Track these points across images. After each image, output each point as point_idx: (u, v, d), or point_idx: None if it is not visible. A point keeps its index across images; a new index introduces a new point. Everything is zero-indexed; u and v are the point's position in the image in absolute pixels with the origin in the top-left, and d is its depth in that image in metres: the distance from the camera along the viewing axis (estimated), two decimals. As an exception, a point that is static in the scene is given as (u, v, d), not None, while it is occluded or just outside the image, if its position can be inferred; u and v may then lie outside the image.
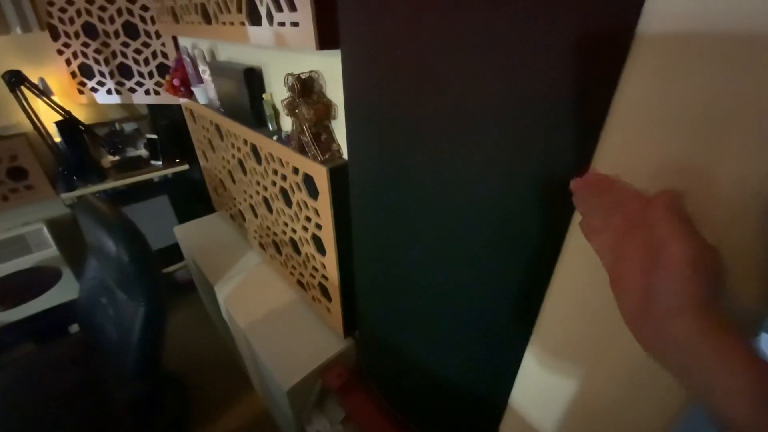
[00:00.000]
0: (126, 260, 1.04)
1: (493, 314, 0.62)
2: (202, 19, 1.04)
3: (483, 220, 0.54)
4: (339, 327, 1.10)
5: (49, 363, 0.68)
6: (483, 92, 0.46)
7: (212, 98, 1.32)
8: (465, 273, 0.61)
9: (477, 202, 0.53)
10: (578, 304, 0.50)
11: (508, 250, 0.54)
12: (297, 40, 0.70)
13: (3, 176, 1.55)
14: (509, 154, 0.47)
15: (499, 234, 0.54)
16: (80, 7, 1.47)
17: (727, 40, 0.28)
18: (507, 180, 0.49)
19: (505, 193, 0.50)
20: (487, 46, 0.43)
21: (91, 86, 1.63)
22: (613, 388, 0.51)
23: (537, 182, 0.47)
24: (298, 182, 0.94)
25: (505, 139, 0.46)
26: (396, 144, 0.63)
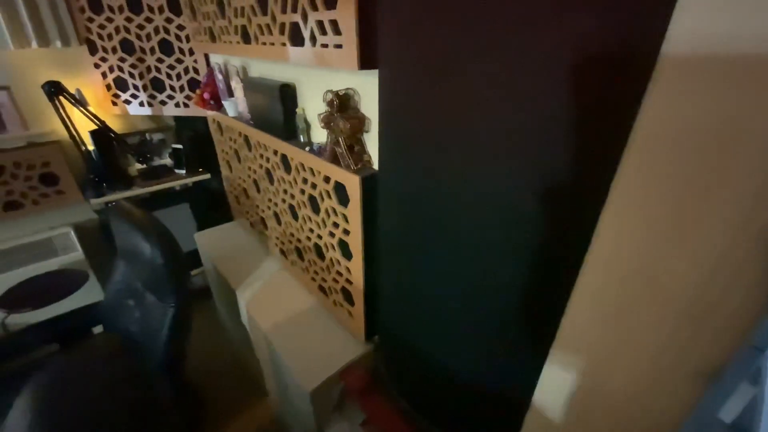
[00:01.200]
0: (160, 262, 1.09)
1: (517, 318, 0.66)
2: (241, 39, 1.12)
3: (508, 228, 0.59)
4: (360, 331, 1.14)
5: (90, 359, 0.72)
6: (511, 110, 0.52)
7: (242, 111, 1.40)
8: (490, 278, 0.66)
9: (503, 212, 0.59)
10: (599, 305, 0.54)
11: (533, 256, 0.59)
12: (339, 60, 0.77)
13: (35, 181, 1.62)
14: (536, 169, 0.52)
15: (524, 241, 0.59)
16: (119, 25, 1.58)
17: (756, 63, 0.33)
18: (532, 193, 0.55)
19: (531, 205, 0.55)
20: (516, 68, 0.49)
21: (125, 98, 1.72)
22: (632, 385, 0.54)
23: (561, 194, 0.52)
24: (328, 190, 1.00)
25: (534, 155, 0.52)
26: (426, 156, 0.68)
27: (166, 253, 1.10)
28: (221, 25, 1.21)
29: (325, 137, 1.02)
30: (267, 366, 1.40)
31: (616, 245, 0.49)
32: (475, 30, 0.53)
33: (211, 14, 1.25)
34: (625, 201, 0.47)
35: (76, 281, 1.55)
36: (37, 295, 1.48)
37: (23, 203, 1.62)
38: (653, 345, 0.50)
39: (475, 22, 0.52)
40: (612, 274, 0.52)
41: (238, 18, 1.08)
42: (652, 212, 0.44)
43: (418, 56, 0.64)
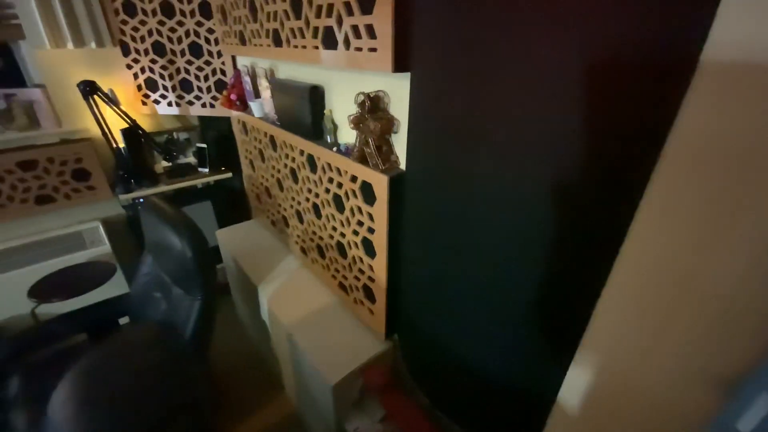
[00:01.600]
0: (189, 256, 1.13)
1: (544, 317, 0.67)
2: (272, 42, 1.16)
3: (537, 229, 0.61)
4: (381, 329, 1.16)
5: (127, 347, 0.75)
6: (542, 115, 0.54)
7: (268, 112, 1.44)
8: (517, 277, 0.67)
9: (531, 213, 0.60)
10: (630, 307, 0.56)
11: (562, 257, 0.61)
12: (373, 63, 0.79)
13: (67, 177, 1.69)
14: (566, 171, 0.54)
15: (553, 242, 0.60)
16: (152, 28, 1.64)
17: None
18: (563, 195, 0.56)
19: (561, 207, 0.57)
20: (548, 73, 0.51)
21: (154, 98, 1.79)
22: (660, 387, 0.55)
23: (592, 197, 0.54)
24: (354, 189, 1.03)
25: (565, 158, 0.53)
26: (454, 156, 0.70)
27: (195, 247, 1.14)
28: (252, 28, 1.25)
29: (353, 138, 1.05)
30: (286, 361, 1.43)
31: (650, 248, 0.51)
32: (507, 35, 0.55)
33: (242, 18, 1.29)
34: (660, 205, 0.48)
35: (104, 273, 1.60)
36: (67, 286, 1.53)
37: (55, 197, 1.68)
38: (683, 349, 0.51)
39: (507, 27, 0.54)
40: (644, 277, 0.53)
41: (270, 22, 1.12)
42: (686, 216, 0.46)
43: (450, 61, 0.67)
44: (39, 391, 1.23)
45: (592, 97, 0.49)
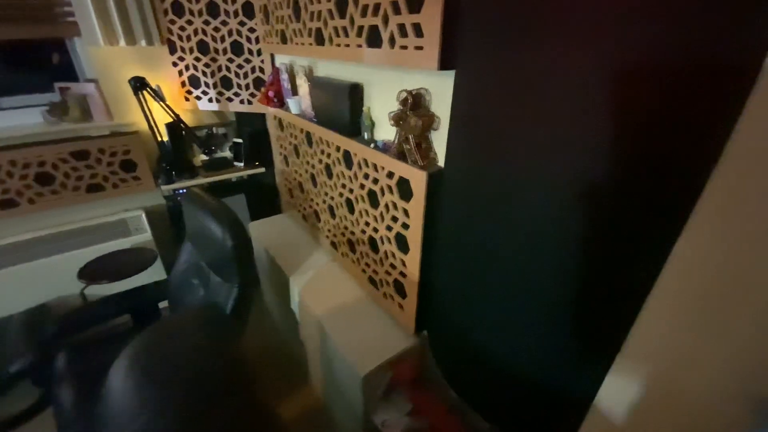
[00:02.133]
0: (230, 245, 1.18)
1: (585, 318, 0.67)
2: (314, 41, 1.20)
3: (582, 231, 0.61)
4: (410, 324, 1.17)
5: (181, 326, 0.80)
6: (591, 114, 0.53)
7: (305, 109, 1.49)
8: (559, 276, 0.67)
9: (575, 214, 0.60)
10: (679, 312, 0.55)
11: (606, 258, 0.60)
12: (418, 61, 0.81)
13: (116, 167, 1.80)
14: (615, 173, 0.54)
15: (598, 244, 0.60)
16: (198, 27, 1.72)
17: None
18: (608, 198, 0.56)
19: (607, 210, 0.56)
20: (599, 73, 0.51)
21: (196, 95, 1.87)
22: (704, 397, 0.54)
23: (642, 199, 0.53)
24: (390, 185, 1.05)
25: (615, 159, 0.53)
26: (497, 155, 0.71)
27: (235, 237, 1.19)
28: (294, 27, 1.29)
29: (391, 135, 1.07)
30: (315, 352, 1.46)
31: (704, 255, 0.50)
32: (557, 33, 0.55)
33: (285, 18, 1.34)
34: (717, 210, 0.47)
35: (146, 260, 1.70)
36: (113, 270, 1.63)
37: (104, 186, 1.79)
38: (734, 357, 0.50)
39: (559, 29, 0.55)
40: (696, 282, 0.52)
41: (314, 21, 1.16)
42: (745, 223, 0.45)
43: (495, 59, 0.67)
44: (84, 368, 1.32)
45: (648, 97, 0.49)
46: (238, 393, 0.60)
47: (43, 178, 1.66)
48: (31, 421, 1.53)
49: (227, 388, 0.62)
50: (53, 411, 1.21)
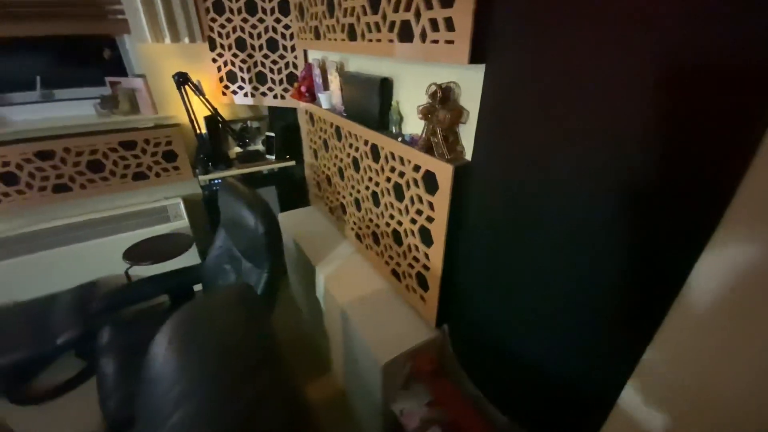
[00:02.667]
0: (261, 232, 1.24)
1: (612, 312, 0.66)
2: (346, 36, 1.23)
3: (612, 226, 0.60)
4: (432, 316, 1.19)
5: (219, 302, 0.85)
6: (625, 111, 0.53)
7: (335, 104, 1.52)
8: (585, 271, 0.67)
9: (605, 210, 0.59)
10: (713, 307, 0.53)
11: (637, 252, 0.59)
12: (448, 55, 0.82)
13: (159, 157, 1.92)
14: (646, 168, 0.53)
15: (629, 238, 0.59)
16: (236, 25, 1.80)
17: None
18: (641, 193, 0.55)
19: (640, 204, 0.55)
20: (633, 69, 0.50)
21: (233, 89, 1.96)
22: (739, 397, 0.52)
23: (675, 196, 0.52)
24: (416, 178, 1.06)
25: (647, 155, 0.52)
26: (526, 149, 0.71)
27: (267, 225, 1.25)
28: (328, 23, 1.33)
29: (418, 129, 1.09)
30: (337, 339, 1.51)
31: (740, 248, 0.48)
32: (594, 29, 0.55)
33: (319, 14, 1.38)
34: (753, 209, 0.46)
35: (184, 244, 1.80)
36: (154, 253, 1.75)
37: (148, 175, 1.92)
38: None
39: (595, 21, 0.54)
40: (731, 278, 0.51)
41: (347, 17, 1.19)
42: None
43: (529, 53, 0.67)
44: (125, 342, 1.43)
45: (685, 96, 0.48)
46: (270, 367, 0.64)
47: (94, 166, 1.80)
48: (73, 390, 1.67)
49: (259, 361, 0.66)
50: (96, 380, 1.32)
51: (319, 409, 1.65)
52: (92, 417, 1.48)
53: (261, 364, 0.66)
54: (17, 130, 1.70)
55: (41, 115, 1.82)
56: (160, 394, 0.62)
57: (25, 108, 1.79)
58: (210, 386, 0.61)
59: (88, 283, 1.85)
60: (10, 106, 1.77)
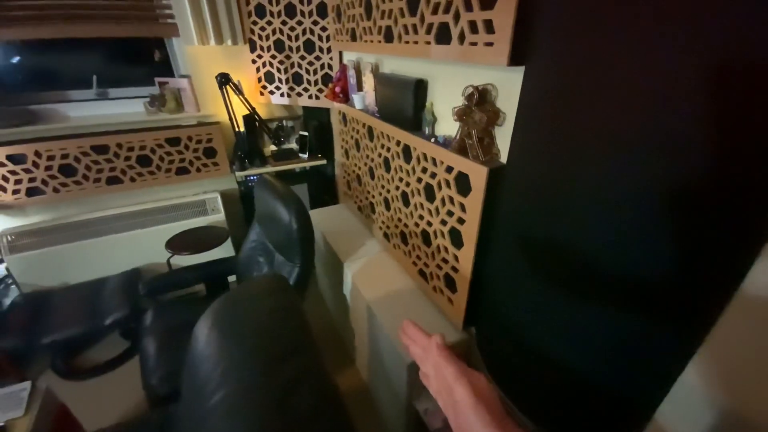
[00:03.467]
0: (295, 227, 1.29)
1: (654, 320, 0.64)
2: (383, 38, 1.25)
3: (656, 230, 0.58)
4: (459, 318, 1.18)
5: (252, 291, 0.90)
6: (671, 113, 0.51)
7: (368, 104, 1.55)
8: (626, 275, 0.65)
9: (648, 215, 0.57)
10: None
11: (683, 257, 0.57)
12: (487, 57, 0.82)
13: (200, 153, 2.02)
14: (694, 175, 0.51)
15: (677, 243, 0.57)
16: (276, 27, 1.87)
17: None
18: (685, 197, 0.53)
19: (691, 211, 0.53)
20: (692, 68, 0.49)
21: (270, 89, 2.04)
22: None
23: (721, 202, 0.50)
24: (449, 180, 1.07)
25: (695, 161, 0.50)
26: (566, 153, 0.70)
27: (301, 222, 1.29)
28: (365, 25, 1.36)
29: (450, 130, 1.09)
30: (362, 335, 1.53)
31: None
32: (638, 35, 0.54)
33: (356, 16, 1.41)
34: None
35: (220, 237, 1.90)
36: (193, 243, 1.85)
37: (190, 170, 2.03)
38: None
39: (641, 28, 0.53)
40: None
41: (384, 19, 1.21)
42: None
43: (572, 55, 0.66)
44: (166, 325, 1.52)
45: (739, 94, 0.46)
46: (303, 352, 0.67)
47: (142, 160, 1.93)
48: (117, 368, 1.79)
49: (294, 346, 0.69)
50: (139, 358, 1.41)
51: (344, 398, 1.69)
52: (133, 394, 1.58)
53: (295, 349, 0.69)
54: (75, 126, 1.85)
55: (96, 112, 1.97)
56: (204, 373, 0.67)
57: (81, 105, 1.95)
58: (248, 367, 0.65)
59: (134, 270, 1.98)
60: (69, 103, 1.93)
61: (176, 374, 1.19)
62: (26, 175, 1.74)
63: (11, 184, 1.73)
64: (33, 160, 1.72)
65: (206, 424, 0.56)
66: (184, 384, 0.75)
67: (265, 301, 0.82)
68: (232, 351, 0.70)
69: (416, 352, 0.47)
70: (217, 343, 0.73)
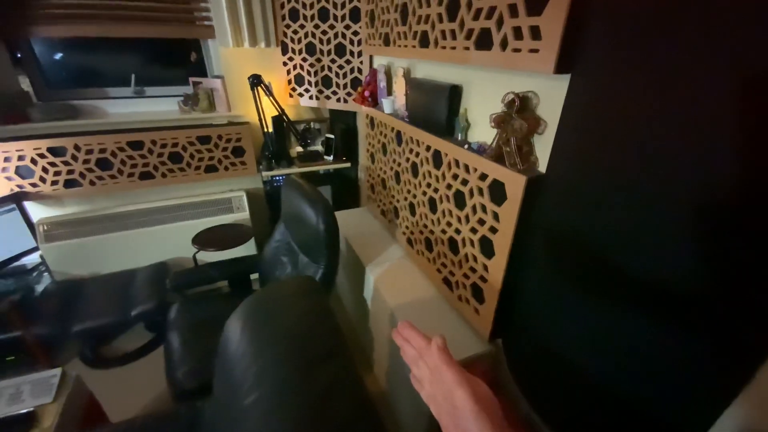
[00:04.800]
0: (322, 228, 1.29)
1: (709, 338, 0.60)
2: (418, 43, 1.25)
3: (710, 247, 0.55)
4: (486, 330, 1.15)
5: (283, 291, 0.90)
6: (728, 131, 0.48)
7: (398, 108, 1.55)
8: (681, 294, 0.61)
9: (703, 235, 0.54)
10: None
11: (749, 272, 0.53)
12: (531, 64, 0.80)
13: (229, 152, 2.07)
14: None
15: (740, 257, 0.53)
16: (308, 30, 1.90)
17: None
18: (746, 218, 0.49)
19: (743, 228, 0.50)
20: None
21: (299, 92, 2.07)
22: None
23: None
24: (481, 187, 1.05)
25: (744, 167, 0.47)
26: (616, 165, 0.67)
27: (327, 223, 1.30)
28: (399, 30, 1.36)
29: (484, 136, 1.07)
30: (382, 341, 1.52)
31: None
32: (697, 43, 0.51)
33: (391, 21, 1.41)
34: None
35: (245, 235, 1.92)
36: (219, 240, 1.88)
37: (218, 168, 2.08)
38: None
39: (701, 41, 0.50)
40: None
41: (420, 24, 1.21)
42: None
43: (627, 64, 0.64)
44: (191, 320, 1.54)
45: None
46: (338, 358, 0.66)
47: (174, 157, 1.98)
48: (140, 359, 1.83)
49: (329, 351, 0.68)
50: (164, 351, 1.44)
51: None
52: (156, 385, 1.61)
53: (330, 352, 0.69)
54: (113, 122, 1.92)
55: (133, 110, 2.04)
56: (238, 373, 0.67)
57: (119, 102, 2.02)
58: (282, 372, 0.65)
59: (161, 263, 2.03)
60: (108, 100, 2.00)
61: (202, 370, 1.21)
62: (65, 167, 1.81)
63: (50, 176, 1.80)
64: (72, 153, 1.79)
65: (242, 425, 0.56)
66: (217, 380, 0.75)
67: (298, 302, 0.82)
68: (266, 351, 0.69)
69: (409, 353, 0.45)
70: (251, 342, 0.73)
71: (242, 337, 0.75)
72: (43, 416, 0.96)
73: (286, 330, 0.73)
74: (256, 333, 0.75)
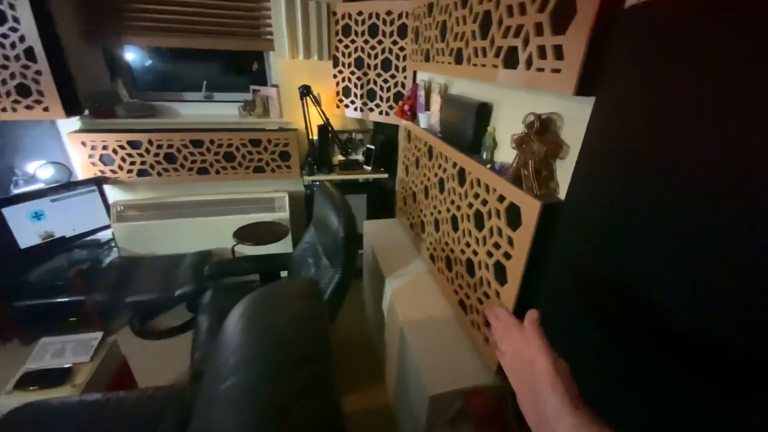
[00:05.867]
0: (342, 235, 1.33)
1: (740, 402, 0.51)
2: (453, 60, 1.25)
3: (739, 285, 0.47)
4: (493, 361, 1.09)
5: (288, 291, 0.93)
6: None
7: (432, 124, 1.55)
8: (709, 343, 0.53)
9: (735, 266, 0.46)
10: None
11: None
12: (552, 84, 0.76)
13: (276, 156, 2.22)
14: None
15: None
16: (359, 45, 1.99)
17: None
18: None
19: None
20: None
21: (345, 103, 2.16)
22: None
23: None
24: (499, 210, 1.00)
25: None
26: (639, 196, 0.61)
27: (347, 231, 1.33)
28: (438, 47, 1.37)
29: (512, 158, 1.03)
30: (393, 355, 1.50)
31: None
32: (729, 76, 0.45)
33: (431, 38, 1.43)
34: None
35: (282, 233, 2.04)
36: (257, 236, 2.01)
37: (265, 169, 2.23)
38: None
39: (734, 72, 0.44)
40: None
41: (456, 41, 1.21)
42: None
43: (653, 88, 0.58)
44: (220, 307, 1.65)
45: None
46: (316, 363, 0.68)
47: (228, 156, 2.17)
48: (177, 336, 2.00)
49: (310, 355, 0.70)
50: (192, 333, 1.56)
51: (366, 416, 1.65)
52: (185, 362, 1.75)
53: (310, 357, 0.70)
54: (182, 121, 2.16)
55: (200, 112, 2.28)
56: (223, 358, 0.71)
57: (189, 104, 2.27)
58: (260, 366, 0.67)
59: (207, 251, 2.22)
60: (181, 102, 2.26)
61: (214, 354, 1.30)
62: (139, 159, 2.07)
63: (127, 164, 2.07)
64: (146, 147, 2.05)
65: (214, 409, 0.59)
66: (209, 363, 0.81)
67: (295, 303, 0.85)
68: (252, 343, 0.73)
69: (498, 328, 0.49)
70: (242, 333, 0.77)
71: (236, 326, 0.80)
72: (78, 373, 1.10)
73: (276, 328, 0.76)
74: (249, 325, 0.79)
